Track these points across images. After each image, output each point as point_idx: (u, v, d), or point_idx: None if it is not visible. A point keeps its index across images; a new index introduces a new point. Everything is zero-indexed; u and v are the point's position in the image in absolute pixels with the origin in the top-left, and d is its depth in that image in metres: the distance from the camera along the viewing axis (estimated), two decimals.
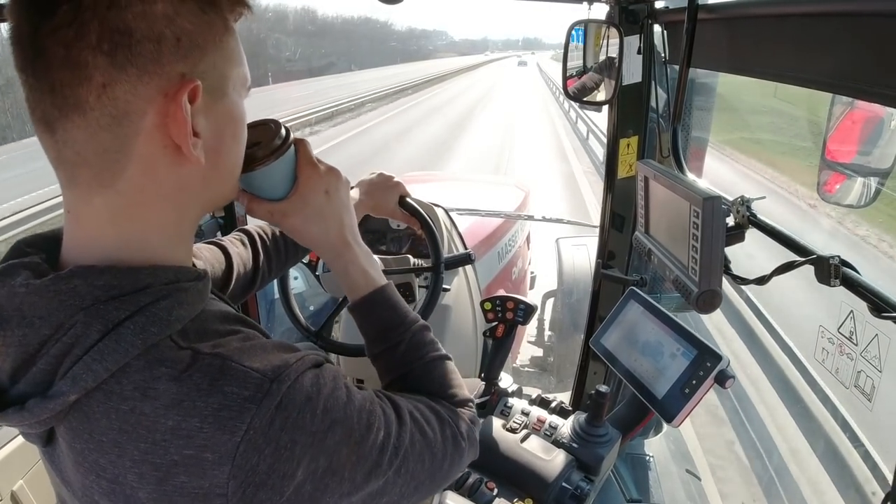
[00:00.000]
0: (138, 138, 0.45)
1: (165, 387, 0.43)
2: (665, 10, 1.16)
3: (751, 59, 0.92)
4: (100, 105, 0.43)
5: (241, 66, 0.51)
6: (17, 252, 0.49)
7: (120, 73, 0.42)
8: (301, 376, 0.47)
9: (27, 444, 1.07)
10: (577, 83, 1.33)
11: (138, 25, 0.42)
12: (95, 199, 0.46)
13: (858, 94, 0.73)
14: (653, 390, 0.95)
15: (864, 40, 0.66)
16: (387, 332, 0.66)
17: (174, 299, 0.46)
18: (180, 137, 0.46)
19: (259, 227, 0.97)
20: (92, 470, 0.44)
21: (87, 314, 0.43)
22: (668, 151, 1.15)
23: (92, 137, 0.44)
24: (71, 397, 0.43)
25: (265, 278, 0.95)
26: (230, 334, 0.49)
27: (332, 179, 0.66)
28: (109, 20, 0.41)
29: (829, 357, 0.79)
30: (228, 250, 0.87)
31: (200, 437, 0.42)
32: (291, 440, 0.45)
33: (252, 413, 0.43)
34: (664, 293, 1.52)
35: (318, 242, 0.67)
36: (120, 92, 0.43)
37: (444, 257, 1.32)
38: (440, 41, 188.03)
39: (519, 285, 3.00)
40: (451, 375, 0.66)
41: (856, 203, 1.00)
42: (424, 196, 1.54)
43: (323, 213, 0.66)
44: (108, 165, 0.45)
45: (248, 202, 0.65)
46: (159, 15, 0.43)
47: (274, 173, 0.63)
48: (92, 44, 0.41)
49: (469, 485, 0.96)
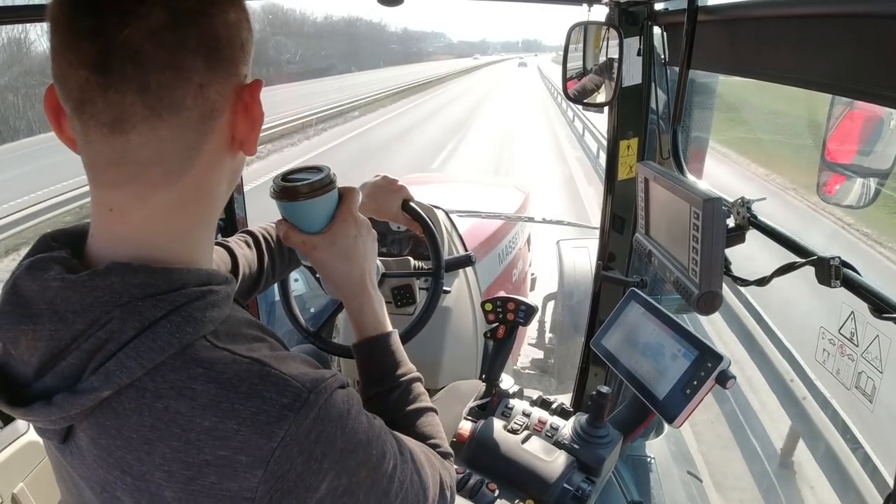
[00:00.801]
0: (213, 135, 0.48)
1: (203, 387, 0.44)
2: (665, 11, 1.16)
3: (750, 60, 0.92)
4: (195, 105, 0.46)
5: (248, 64, 0.54)
6: (45, 245, 0.49)
7: (214, 75, 0.46)
8: (335, 392, 0.48)
9: (29, 447, 1.07)
10: (578, 85, 1.33)
11: (223, 32, 0.46)
12: (157, 195, 0.47)
13: (858, 95, 0.73)
14: (654, 391, 0.95)
15: (864, 42, 0.66)
16: (384, 376, 0.70)
17: (207, 301, 0.47)
18: (251, 132, 0.50)
19: (263, 228, 0.97)
20: (117, 466, 0.44)
21: (124, 311, 0.43)
22: (668, 153, 1.15)
23: (179, 136, 0.46)
24: (104, 393, 0.43)
25: (269, 280, 0.96)
26: (258, 340, 0.50)
27: (363, 229, 0.74)
28: (204, 26, 0.45)
29: (830, 358, 0.79)
30: (234, 251, 0.87)
31: (237, 440, 0.43)
32: (322, 453, 0.46)
33: (290, 420, 0.44)
34: (664, 294, 1.52)
35: (339, 280, 0.72)
36: (212, 93, 0.46)
37: (445, 259, 1.32)
38: (438, 43, 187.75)
39: (519, 287, 3.00)
40: (437, 428, 0.69)
41: (855, 204, 1.00)
42: (425, 198, 1.54)
43: (348, 255, 0.71)
44: (181, 162, 0.47)
45: (287, 229, 0.71)
46: (233, 23, 0.47)
47: (314, 208, 0.70)
48: (192, 48, 0.44)
49: (470, 486, 0.96)
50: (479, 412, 1.10)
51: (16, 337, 0.44)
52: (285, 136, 13.49)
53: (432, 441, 0.67)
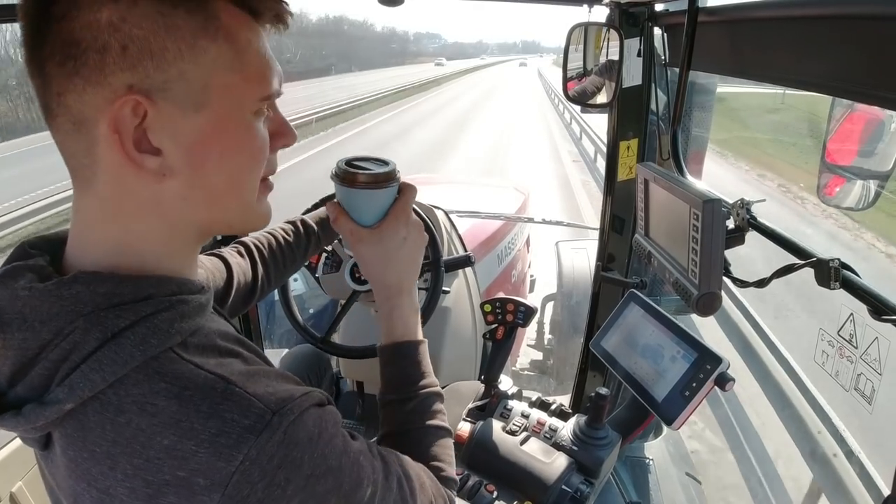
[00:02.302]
0: (99, 146, 0.44)
1: (165, 404, 0.42)
2: (665, 12, 1.16)
3: (751, 61, 0.92)
4: (60, 112, 0.44)
5: (242, 73, 0.47)
6: (22, 254, 0.48)
7: (68, 82, 0.42)
8: (304, 413, 0.46)
9: (26, 446, 1.07)
10: (578, 86, 1.33)
11: (83, 36, 0.41)
12: (81, 201, 0.47)
13: (858, 97, 0.73)
14: (653, 393, 0.95)
15: (864, 43, 0.66)
16: (402, 384, 0.68)
17: (176, 311, 0.46)
18: (130, 152, 0.44)
19: (255, 238, 0.97)
20: (83, 478, 0.44)
21: (87, 321, 0.43)
22: (667, 154, 1.15)
23: (62, 142, 0.45)
24: (67, 406, 0.42)
25: (265, 289, 0.95)
26: (231, 355, 0.48)
27: (414, 232, 0.72)
28: (61, 32, 0.42)
29: (829, 360, 0.79)
30: (228, 261, 0.87)
31: (194, 461, 0.41)
32: (286, 479, 0.44)
33: (251, 444, 0.42)
34: (664, 295, 1.52)
35: (377, 278, 0.71)
36: (70, 101, 0.43)
37: (445, 259, 1.32)
38: (433, 44, 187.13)
39: (518, 288, 3.00)
40: (447, 450, 0.67)
41: (855, 206, 1.00)
42: (424, 198, 1.54)
43: (391, 256, 0.70)
44: (80, 170, 0.46)
45: (338, 214, 0.70)
46: (104, 24, 0.41)
47: (371, 199, 0.69)
48: (46, 54, 0.42)
49: (469, 487, 0.96)
50: (478, 413, 1.10)
51: None
52: None
53: (437, 464, 0.65)
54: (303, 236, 1.01)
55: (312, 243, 1.03)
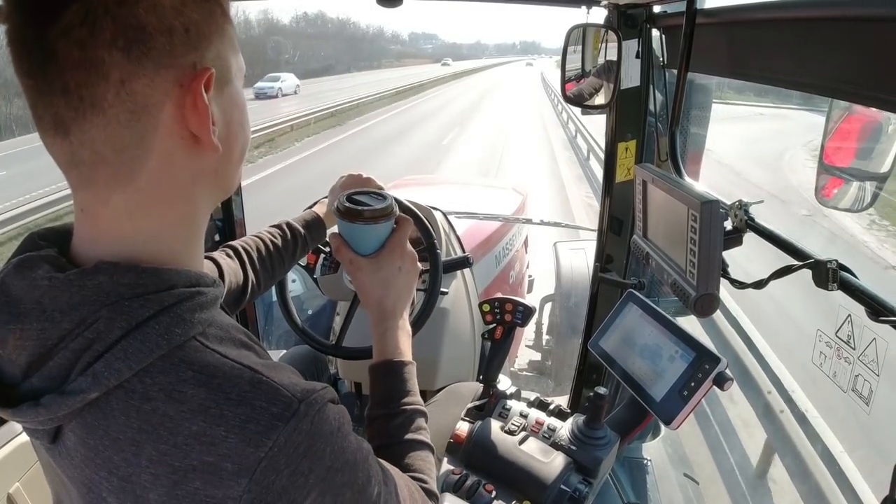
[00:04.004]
0: (157, 132, 0.45)
1: (193, 391, 0.43)
2: (663, 14, 1.17)
3: (749, 63, 0.93)
4: (119, 101, 0.43)
5: (238, 53, 0.51)
6: (32, 244, 0.48)
7: (137, 67, 0.42)
8: (326, 405, 0.47)
9: (24, 446, 1.07)
10: (576, 87, 1.33)
11: (149, 20, 0.42)
12: (114, 197, 0.46)
13: (856, 98, 0.74)
14: (651, 393, 0.95)
15: (862, 45, 0.66)
16: (391, 399, 0.71)
17: (196, 301, 0.46)
18: (201, 126, 0.46)
19: (243, 241, 0.98)
20: (104, 466, 0.44)
21: (111, 310, 0.43)
22: (666, 155, 1.15)
23: (111, 136, 0.44)
24: (91, 395, 0.42)
25: (254, 292, 0.97)
26: (245, 346, 0.49)
27: (409, 263, 0.79)
28: (122, 17, 0.41)
29: (827, 361, 0.79)
30: (220, 262, 0.89)
31: (224, 446, 0.42)
32: (309, 468, 0.45)
33: (279, 430, 0.43)
34: (662, 297, 1.53)
35: (373, 303, 0.77)
36: (138, 87, 0.43)
37: (443, 260, 1.32)
38: (427, 45, 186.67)
39: (517, 289, 3.00)
40: (429, 465, 0.70)
41: (853, 207, 1.00)
42: (422, 199, 1.54)
43: (388, 283, 0.77)
44: (127, 162, 0.45)
45: (339, 244, 0.77)
46: (168, 7, 0.43)
47: (370, 233, 0.76)
48: (107, 41, 0.41)
49: (467, 487, 0.96)
50: (477, 413, 1.10)
51: (3, 336, 0.44)
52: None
53: (421, 476, 0.67)
54: (290, 239, 1.04)
55: (300, 246, 1.06)
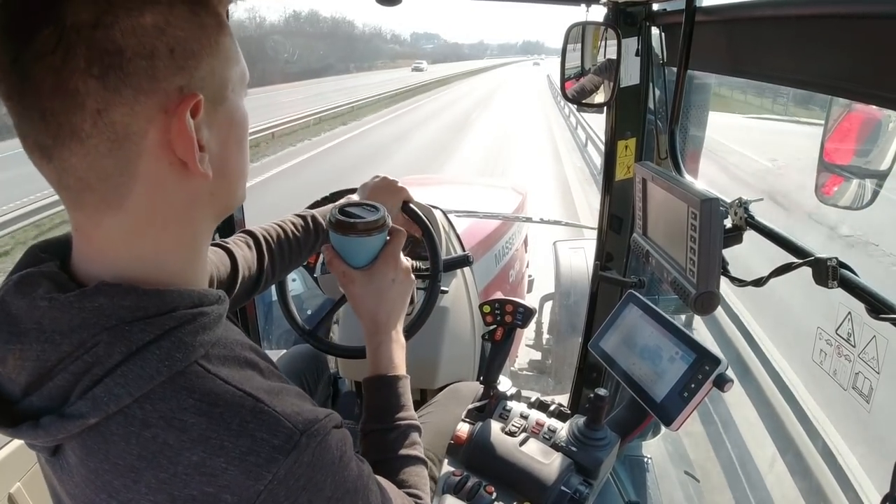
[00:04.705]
0: (142, 159, 0.43)
1: (194, 420, 0.42)
2: (663, 12, 1.16)
3: (748, 61, 0.92)
4: (97, 132, 0.40)
5: (238, 64, 0.48)
6: (33, 258, 0.47)
7: (115, 96, 0.40)
8: (329, 434, 0.47)
9: (25, 447, 1.06)
10: (576, 85, 1.33)
11: (128, 42, 0.39)
12: (105, 220, 0.45)
13: (856, 96, 0.73)
14: (651, 393, 0.95)
15: (862, 43, 0.66)
16: (385, 413, 0.71)
17: (198, 324, 0.45)
18: (186, 154, 0.44)
19: (264, 229, 0.96)
20: (104, 489, 0.43)
21: (111, 334, 0.42)
22: (665, 153, 1.15)
23: (93, 164, 0.41)
24: (91, 420, 0.41)
25: (269, 281, 0.95)
26: (250, 366, 0.49)
27: (402, 275, 0.78)
28: (97, 41, 0.38)
29: (827, 359, 0.79)
30: (234, 253, 0.86)
31: (224, 478, 0.42)
32: (308, 500, 0.45)
33: (280, 463, 0.43)
34: (662, 295, 1.52)
35: (367, 315, 0.76)
36: (117, 116, 0.40)
37: (443, 259, 1.32)
38: (428, 45, 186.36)
39: (516, 288, 3.00)
40: (422, 480, 0.70)
41: (853, 205, 1.00)
42: (423, 198, 1.54)
43: (381, 295, 0.76)
44: (113, 189, 0.43)
45: (332, 257, 0.76)
46: (149, 27, 0.40)
47: (363, 245, 0.76)
48: (81, 69, 0.38)
49: (468, 488, 0.96)
50: (477, 414, 1.10)
51: (3, 356, 0.43)
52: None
53: (416, 492, 0.67)
54: (311, 231, 1.00)
55: (320, 240, 1.02)
